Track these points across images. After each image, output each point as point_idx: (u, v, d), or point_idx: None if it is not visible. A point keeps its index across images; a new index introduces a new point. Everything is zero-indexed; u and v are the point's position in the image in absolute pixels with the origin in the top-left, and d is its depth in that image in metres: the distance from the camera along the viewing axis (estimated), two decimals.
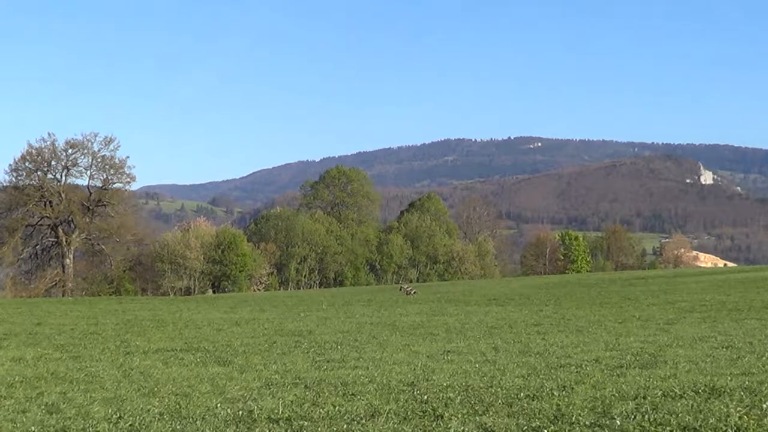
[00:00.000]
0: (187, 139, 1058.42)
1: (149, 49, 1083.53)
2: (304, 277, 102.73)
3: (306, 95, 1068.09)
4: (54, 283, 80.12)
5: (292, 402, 9.48)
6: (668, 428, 7.25)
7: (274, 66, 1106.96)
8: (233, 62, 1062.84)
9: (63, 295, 72.66)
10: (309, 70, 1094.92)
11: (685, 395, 8.88)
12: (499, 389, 9.82)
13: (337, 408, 8.95)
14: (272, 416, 8.62)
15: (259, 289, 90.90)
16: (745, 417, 7.48)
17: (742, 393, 8.82)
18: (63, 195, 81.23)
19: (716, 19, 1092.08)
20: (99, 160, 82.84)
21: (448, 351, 14.51)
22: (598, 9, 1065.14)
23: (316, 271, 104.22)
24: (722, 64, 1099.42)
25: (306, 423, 8.23)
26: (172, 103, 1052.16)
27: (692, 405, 8.27)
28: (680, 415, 7.77)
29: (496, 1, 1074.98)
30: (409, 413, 8.52)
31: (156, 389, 10.85)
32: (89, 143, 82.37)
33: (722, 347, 13.76)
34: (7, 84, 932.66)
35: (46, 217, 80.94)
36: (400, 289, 50.92)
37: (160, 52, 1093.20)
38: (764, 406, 7.98)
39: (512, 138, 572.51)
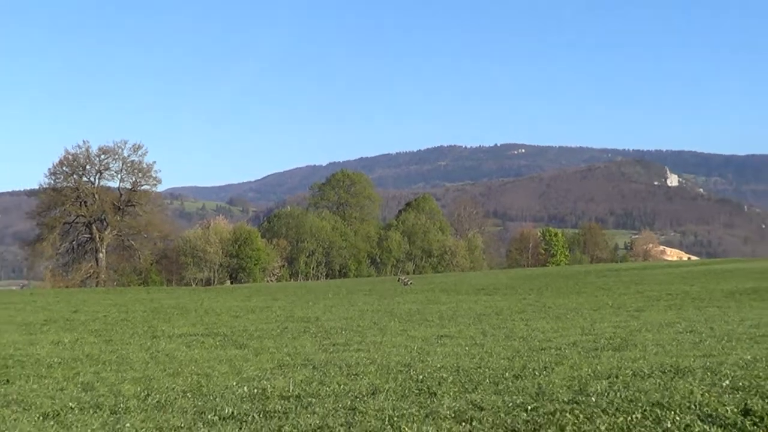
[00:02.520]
0: (208, 144, 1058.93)
1: (177, 65, 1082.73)
2: (312, 269, 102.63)
3: (315, 105, 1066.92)
4: (88, 274, 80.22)
5: (301, 381, 9.49)
6: (638, 404, 7.24)
7: (286, 80, 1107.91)
8: (250, 77, 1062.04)
9: (96, 286, 72.70)
10: (318, 83, 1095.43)
11: (653, 375, 8.86)
12: (486, 369, 9.81)
13: (341, 386, 8.96)
14: (284, 394, 8.62)
15: (271, 281, 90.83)
16: (707, 394, 7.48)
17: (703, 373, 8.81)
18: (96, 196, 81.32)
19: (679, 38, 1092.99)
20: (128, 164, 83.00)
21: (441, 336, 14.51)
22: (573, 26, 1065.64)
23: (323, 264, 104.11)
24: (686, 78, 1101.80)
25: (314, 400, 8.23)
26: (195, 112, 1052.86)
27: (659, 384, 8.26)
28: (649, 392, 7.77)
29: (485, 22, 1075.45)
30: (406, 391, 8.52)
31: (180, 370, 10.85)
32: (120, 149, 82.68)
33: (686, 332, 13.76)
34: (44, 95, 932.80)
35: (82, 215, 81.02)
36: (398, 281, 50.80)
37: (185, 68, 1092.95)
38: (724, 384, 7.97)
39: (499, 145, 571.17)
